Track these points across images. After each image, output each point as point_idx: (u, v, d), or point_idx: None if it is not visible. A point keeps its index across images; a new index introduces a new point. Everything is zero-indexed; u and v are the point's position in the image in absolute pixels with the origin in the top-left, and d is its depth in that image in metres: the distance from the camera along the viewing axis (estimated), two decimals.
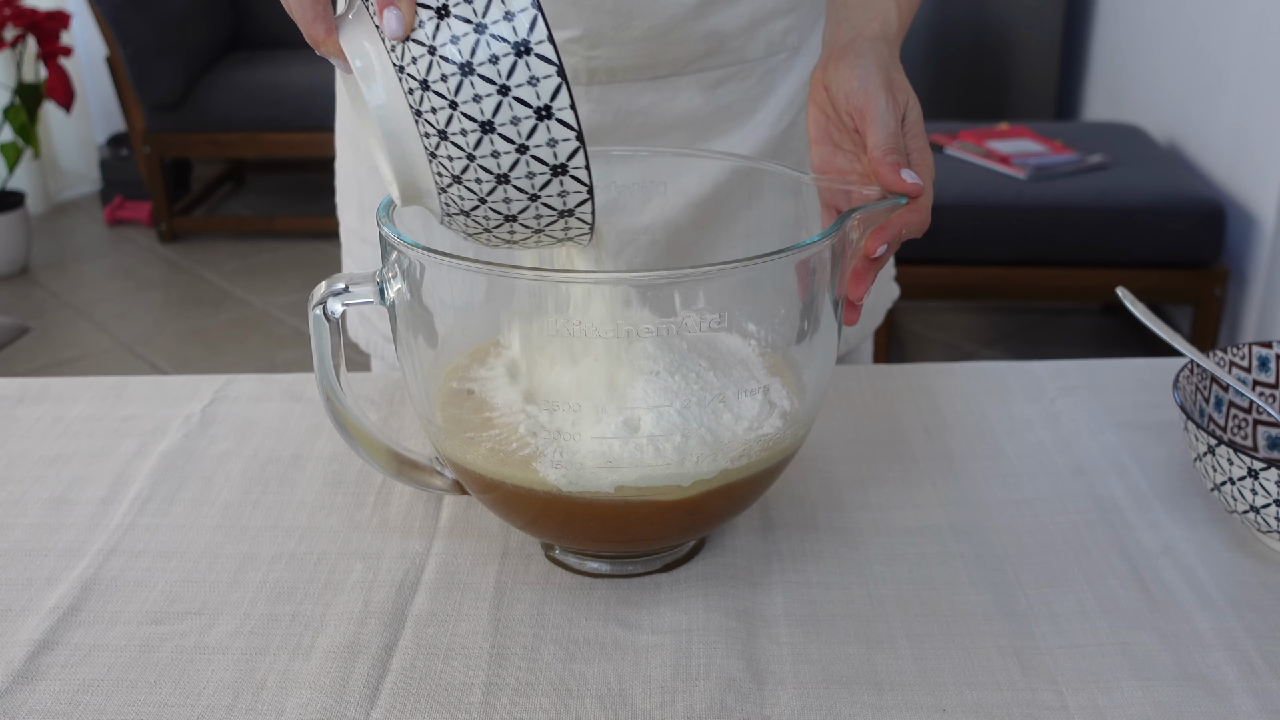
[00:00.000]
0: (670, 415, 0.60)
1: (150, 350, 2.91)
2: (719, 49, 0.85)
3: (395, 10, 0.52)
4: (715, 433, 0.60)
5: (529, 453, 0.60)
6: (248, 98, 3.41)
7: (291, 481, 0.76)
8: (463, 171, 0.54)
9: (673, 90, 0.85)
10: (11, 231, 3.30)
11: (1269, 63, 2.30)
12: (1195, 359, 0.72)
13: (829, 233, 0.59)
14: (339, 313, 0.63)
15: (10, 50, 3.28)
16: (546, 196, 0.56)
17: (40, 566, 0.68)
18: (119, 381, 0.88)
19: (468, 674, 0.60)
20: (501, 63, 0.52)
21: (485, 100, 0.52)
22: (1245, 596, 0.64)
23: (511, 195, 0.55)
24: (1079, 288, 2.40)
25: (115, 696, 0.58)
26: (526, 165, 0.54)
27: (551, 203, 0.56)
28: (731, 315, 0.63)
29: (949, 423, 0.81)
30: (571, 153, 0.54)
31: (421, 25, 0.52)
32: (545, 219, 0.57)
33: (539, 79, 0.52)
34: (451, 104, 0.52)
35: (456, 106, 0.52)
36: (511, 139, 0.53)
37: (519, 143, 0.53)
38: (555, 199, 0.56)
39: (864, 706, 0.57)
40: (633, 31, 0.82)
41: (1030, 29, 3.18)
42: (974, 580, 0.66)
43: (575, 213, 0.57)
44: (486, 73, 0.52)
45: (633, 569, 0.66)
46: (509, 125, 0.53)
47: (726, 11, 0.83)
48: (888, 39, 0.70)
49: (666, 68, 0.84)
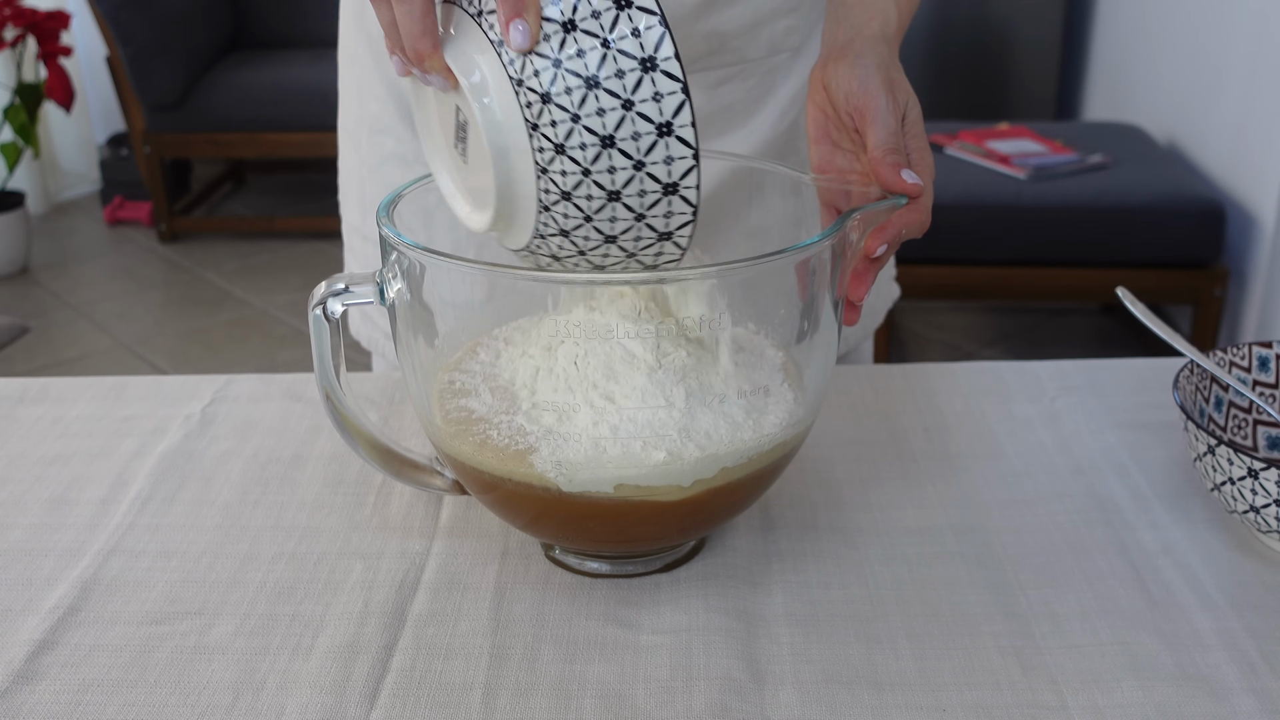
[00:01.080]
0: (671, 415, 0.60)
1: (150, 350, 2.91)
2: (720, 49, 0.85)
3: (523, 23, 0.52)
4: (715, 432, 0.60)
5: (523, 447, 0.60)
6: (248, 98, 3.41)
7: (291, 481, 0.76)
8: (575, 187, 0.54)
9: None
10: (11, 231, 3.30)
11: (1269, 63, 2.30)
12: (1195, 359, 0.72)
13: (829, 233, 0.59)
14: (339, 313, 0.63)
15: (10, 50, 3.28)
16: (652, 216, 0.56)
17: (40, 566, 0.68)
18: (119, 381, 0.88)
19: (468, 674, 0.60)
20: (628, 77, 0.52)
21: (609, 114, 0.53)
22: (1245, 596, 0.64)
23: (619, 214, 0.55)
24: (1079, 288, 2.40)
25: (115, 696, 0.58)
26: (640, 182, 0.54)
27: (655, 223, 0.56)
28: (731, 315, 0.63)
29: (949, 423, 0.81)
30: (686, 171, 0.55)
31: (547, 39, 0.52)
32: (644, 241, 0.57)
33: (663, 95, 0.53)
34: (574, 117, 0.53)
35: (579, 120, 0.53)
36: (630, 154, 0.53)
37: (636, 159, 0.54)
38: (659, 219, 0.56)
39: (864, 706, 0.57)
40: None
41: (1030, 29, 3.18)
42: (974, 580, 0.66)
43: (674, 236, 0.57)
44: (612, 87, 0.52)
45: (633, 569, 0.66)
46: (629, 140, 0.53)
47: (728, 11, 0.83)
48: (887, 38, 0.70)
49: None
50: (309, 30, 3.71)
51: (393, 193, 0.65)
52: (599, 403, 0.60)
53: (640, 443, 0.59)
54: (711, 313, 0.60)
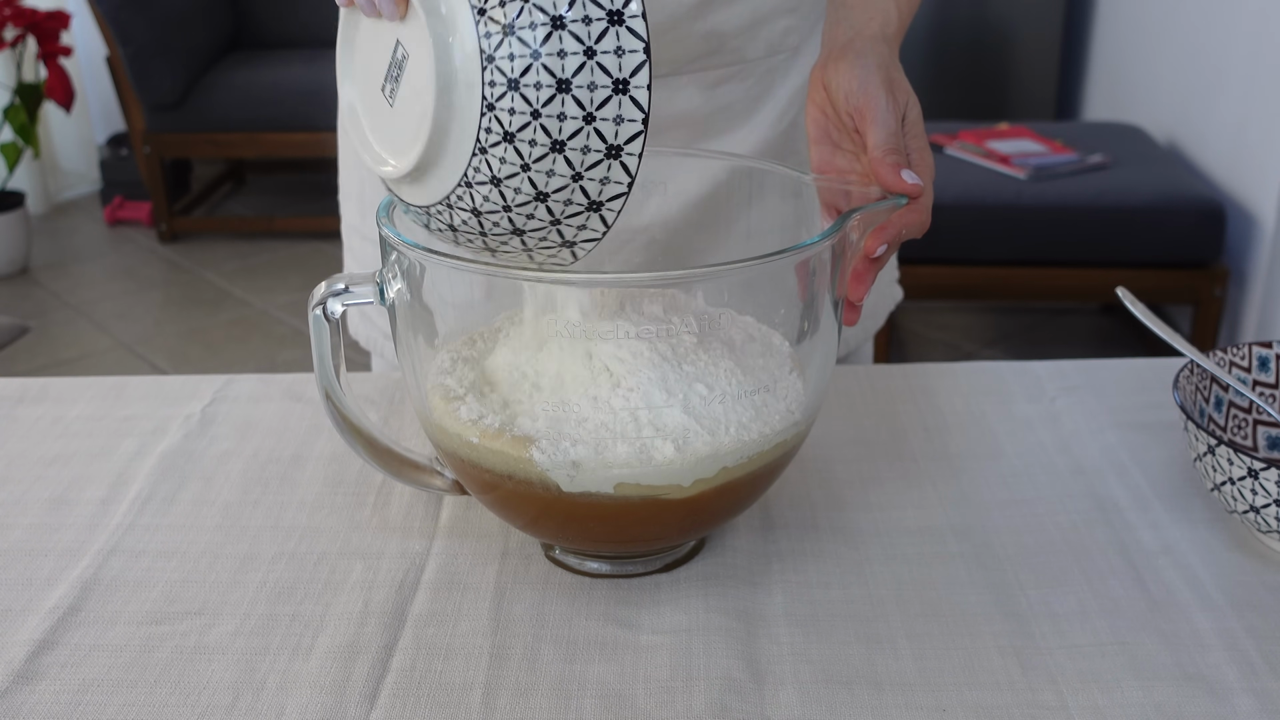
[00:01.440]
0: (671, 414, 0.60)
1: (150, 350, 2.91)
2: (719, 49, 0.85)
3: None
4: (715, 432, 0.60)
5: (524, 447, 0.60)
6: (248, 98, 3.41)
7: (291, 481, 0.76)
8: (520, 129, 0.53)
9: (672, 90, 0.85)
10: (11, 231, 3.30)
11: (1269, 63, 2.30)
12: (1195, 359, 0.72)
13: (829, 233, 0.59)
14: (339, 313, 0.63)
15: (10, 50, 3.28)
16: (588, 178, 0.55)
17: (40, 566, 0.68)
18: (119, 381, 0.88)
19: (468, 674, 0.60)
20: (594, 25, 0.52)
21: (569, 59, 0.52)
22: (1245, 596, 0.64)
23: (558, 168, 0.54)
24: (1079, 288, 2.40)
25: (115, 696, 0.58)
26: (586, 137, 0.53)
27: (589, 188, 0.55)
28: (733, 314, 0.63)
29: (949, 423, 0.81)
30: (632, 135, 0.54)
31: None
32: (572, 208, 0.56)
33: (625, 51, 0.52)
34: (534, 54, 0.52)
35: (539, 58, 0.52)
36: (583, 104, 0.53)
37: (588, 111, 0.53)
38: (594, 185, 0.55)
39: (864, 706, 0.57)
40: None
41: (1030, 29, 3.18)
42: (974, 580, 0.66)
43: (604, 207, 0.56)
44: (577, 31, 0.52)
45: (633, 569, 0.66)
46: (584, 90, 0.52)
47: (726, 11, 0.83)
48: (887, 38, 0.70)
49: (666, 67, 0.84)
50: (309, 30, 3.71)
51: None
52: (599, 402, 0.60)
53: (640, 442, 0.59)
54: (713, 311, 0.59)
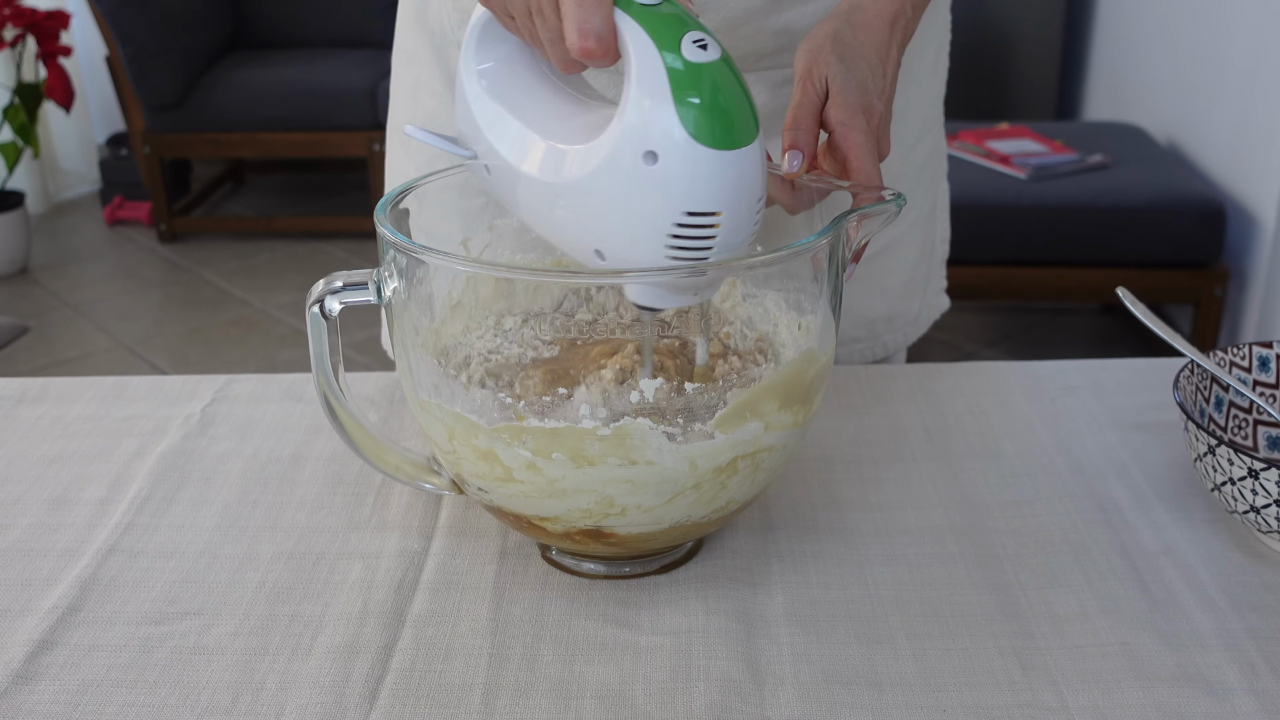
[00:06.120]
0: (671, 414, 0.59)
1: (150, 350, 2.91)
2: (789, 46, 0.84)
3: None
4: (715, 431, 0.60)
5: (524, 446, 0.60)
6: (248, 98, 3.41)
7: (291, 481, 0.76)
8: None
9: None
10: (11, 231, 3.30)
11: (1269, 63, 2.30)
12: (1195, 359, 0.72)
13: (825, 232, 0.59)
14: (336, 311, 0.63)
15: (10, 50, 3.28)
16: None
17: (39, 566, 0.68)
18: (119, 381, 0.88)
19: (467, 674, 0.60)
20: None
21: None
22: (1245, 596, 0.64)
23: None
24: (1079, 288, 2.40)
25: (115, 696, 0.58)
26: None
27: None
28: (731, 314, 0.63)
29: (949, 423, 0.81)
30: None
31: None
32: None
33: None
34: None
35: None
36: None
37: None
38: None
39: (864, 707, 0.57)
40: (705, 23, 0.81)
41: (1030, 29, 3.18)
42: (974, 580, 0.66)
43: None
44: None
45: (630, 570, 0.66)
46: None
47: (799, 9, 0.82)
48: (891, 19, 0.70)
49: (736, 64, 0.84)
50: (309, 30, 3.71)
51: (392, 191, 0.65)
52: (598, 402, 0.60)
53: (641, 442, 0.59)
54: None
